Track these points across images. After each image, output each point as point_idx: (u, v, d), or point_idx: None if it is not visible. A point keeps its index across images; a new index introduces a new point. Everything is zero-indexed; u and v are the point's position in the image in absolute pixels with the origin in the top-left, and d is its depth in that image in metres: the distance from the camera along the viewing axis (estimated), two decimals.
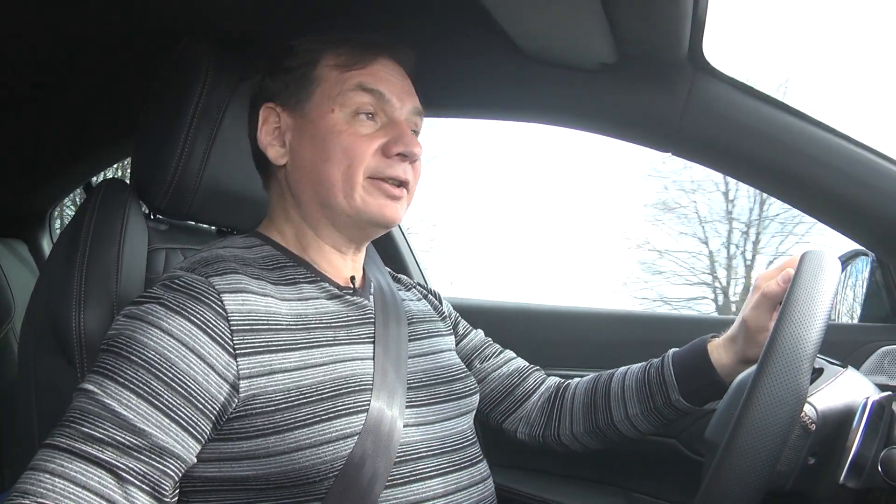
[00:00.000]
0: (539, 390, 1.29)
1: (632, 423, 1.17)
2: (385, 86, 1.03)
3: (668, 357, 1.16)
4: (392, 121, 1.04)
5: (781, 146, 1.20)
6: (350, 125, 1.01)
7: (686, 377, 1.12)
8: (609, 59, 1.22)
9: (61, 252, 1.14)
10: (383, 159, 1.01)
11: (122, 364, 0.83)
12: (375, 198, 1.01)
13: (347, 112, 1.02)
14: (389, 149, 1.01)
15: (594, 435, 1.21)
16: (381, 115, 1.03)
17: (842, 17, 4.29)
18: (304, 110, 1.04)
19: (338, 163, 1.00)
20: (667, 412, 1.14)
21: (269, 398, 0.88)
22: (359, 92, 1.02)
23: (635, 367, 1.20)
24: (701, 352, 1.12)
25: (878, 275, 1.38)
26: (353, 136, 1.01)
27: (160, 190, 1.17)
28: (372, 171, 1.01)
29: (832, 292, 0.81)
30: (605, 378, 1.23)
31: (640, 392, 1.16)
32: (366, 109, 1.02)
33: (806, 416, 0.80)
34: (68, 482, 0.76)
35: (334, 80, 1.03)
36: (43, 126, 1.77)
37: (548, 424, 1.25)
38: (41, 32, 1.38)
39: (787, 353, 0.75)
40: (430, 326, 1.19)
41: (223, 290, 0.91)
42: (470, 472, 1.04)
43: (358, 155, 1.00)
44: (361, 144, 1.00)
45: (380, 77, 1.04)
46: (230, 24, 1.34)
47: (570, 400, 1.24)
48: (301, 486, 0.89)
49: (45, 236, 2.20)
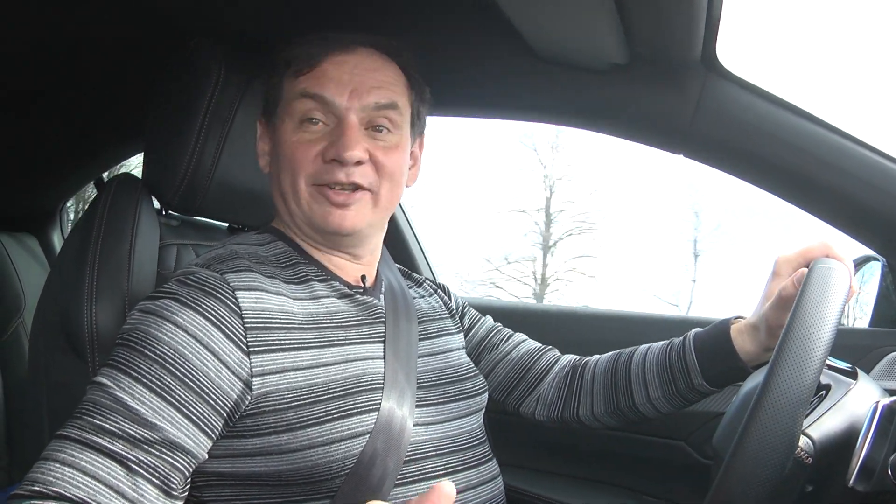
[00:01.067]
0: (554, 370, 1.27)
1: (654, 405, 1.15)
2: (331, 87, 1.00)
3: (689, 340, 1.13)
4: (337, 123, 1.00)
5: (793, 149, 1.19)
6: (295, 134, 1.00)
7: (709, 362, 1.09)
8: (621, 60, 1.22)
9: (73, 247, 1.15)
10: (322, 164, 0.99)
11: (136, 358, 0.83)
12: (320, 204, 1.00)
13: (295, 121, 1.01)
14: (327, 153, 0.98)
15: (615, 415, 1.19)
16: (330, 117, 1.00)
17: (856, 22, 4.27)
18: (274, 124, 1.05)
19: (286, 172, 1.00)
20: (689, 395, 1.13)
21: (282, 396, 0.88)
22: (302, 99, 1.00)
23: (655, 348, 1.17)
24: (724, 337, 1.08)
25: (889, 280, 1.38)
26: (295, 145, 1.00)
27: (172, 186, 1.17)
28: (314, 178, 0.99)
29: (835, 321, 0.79)
30: (624, 358, 1.20)
31: (662, 376, 1.13)
32: (310, 115, 1.00)
33: (801, 450, 0.79)
34: (78, 471, 0.76)
35: (287, 89, 1.03)
36: (53, 123, 1.78)
37: (566, 405, 1.23)
38: (52, 31, 1.39)
39: (782, 400, 0.73)
40: (439, 325, 1.19)
41: (238, 287, 0.91)
42: (479, 471, 1.04)
43: (297, 162, 0.99)
44: (301, 152, 0.99)
45: (328, 78, 1.00)
46: (239, 24, 1.34)
47: (590, 380, 1.21)
48: (312, 484, 0.89)
49: (55, 231, 2.20)
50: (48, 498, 0.74)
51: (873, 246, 1.28)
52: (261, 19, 1.35)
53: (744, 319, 1.09)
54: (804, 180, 1.20)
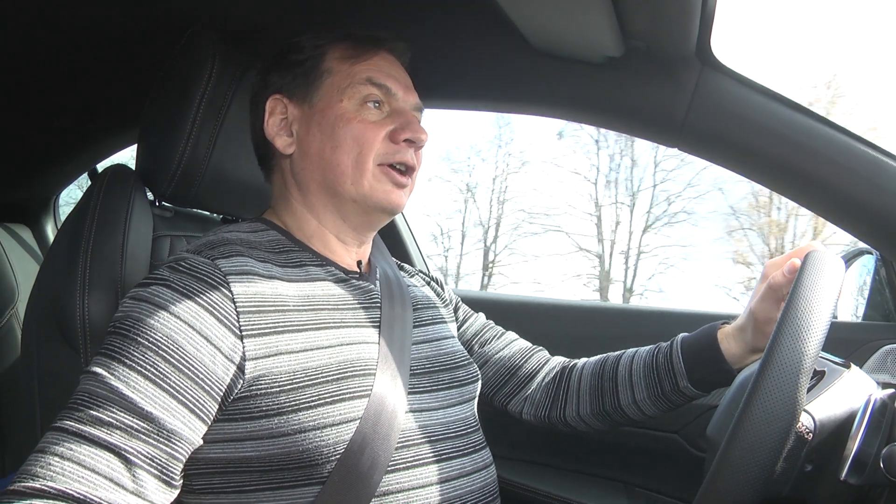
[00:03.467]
0: (543, 370, 1.28)
1: (639, 407, 1.16)
2: (391, 81, 1.06)
3: (676, 343, 1.15)
4: (397, 110, 1.07)
5: (788, 143, 1.19)
6: (358, 113, 1.04)
7: (695, 365, 1.11)
8: (616, 53, 1.22)
9: (66, 238, 1.14)
10: (391, 145, 1.04)
11: (130, 346, 0.83)
12: (383, 184, 1.04)
13: (356, 101, 1.04)
14: (398, 135, 1.04)
15: (600, 417, 1.21)
16: (387, 105, 1.06)
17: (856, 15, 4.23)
18: (312, 101, 1.06)
19: (348, 150, 1.03)
20: (675, 398, 1.14)
21: (275, 379, 0.89)
22: (368, 85, 1.05)
23: (643, 351, 1.19)
24: (710, 340, 1.10)
25: (882, 273, 1.38)
26: (362, 124, 1.03)
27: (166, 177, 1.17)
28: (381, 158, 1.04)
29: (833, 301, 0.80)
30: (612, 360, 1.22)
31: (648, 377, 1.15)
32: (374, 99, 1.05)
33: (803, 425, 0.80)
34: (77, 465, 0.76)
35: (344, 72, 1.05)
36: (48, 113, 1.77)
37: (553, 405, 1.24)
38: (46, 22, 1.38)
39: (784, 367, 0.73)
40: (434, 313, 1.19)
41: (229, 273, 0.91)
42: (473, 459, 1.04)
43: (368, 141, 1.03)
44: (371, 131, 1.03)
45: (385, 72, 1.07)
46: (236, 15, 1.34)
47: (577, 381, 1.23)
48: (303, 469, 0.89)
49: (49, 222, 2.20)
50: (50, 496, 0.74)
51: (867, 240, 1.28)
52: (257, 10, 1.35)
53: (731, 324, 1.11)
54: (799, 174, 1.20)
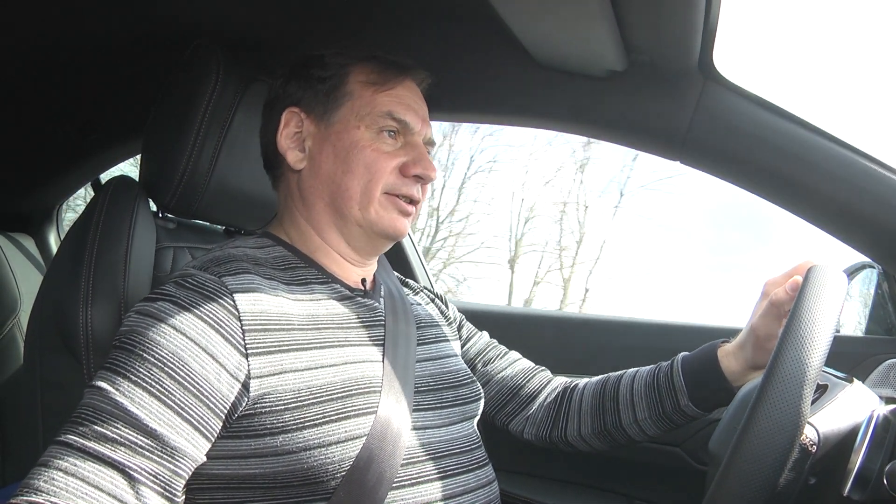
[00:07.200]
0: (545, 391, 1.29)
1: (640, 426, 1.17)
2: (410, 114, 1.08)
3: (677, 362, 1.15)
4: (411, 143, 1.08)
5: (790, 157, 1.19)
6: (374, 142, 1.05)
7: (695, 384, 1.11)
8: (619, 67, 1.22)
9: (69, 249, 1.14)
10: (401, 178, 1.06)
11: (135, 362, 0.83)
12: (389, 212, 1.05)
13: (373, 131, 1.05)
14: (408, 169, 1.06)
15: (602, 437, 1.21)
16: (402, 136, 1.08)
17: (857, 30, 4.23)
18: (329, 120, 1.06)
19: (359, 176, 1.04)
20: (675, 417, 1.14)
21: (280, 397, 0.88)
22: (387, 119, 1.06)
23: (644, 371, 1.20)
24: (711, 358, 1.11)
25: (885, 287, 1.38)
26: (376, 153, 1.04)
27: (169, 188, 1.17)
28: (389, 188, 1.05)
29: (836, 315, 0.80)
30: (613, 380, 1.22)
31: (649, 396, 1.15)
32: (390, 129, 1.06)
33: (807, 437, 0.79)
34: (80, 481, 0.75)
35: (366, 98, 1.06)
36: (52, 123, 1.78)
37: (555, 425, 1.24)
38: (51, 32, 1.39)
39: (788, 378, 0.73)
40: (437, 331, 1.19)
41: (235, 290, 0.91)
42: (476, 475, 1.04)
43: (379, 171, 1.04)
44: (383, 161, 1.04)
45: (406, 104, 1.08)
46: (240, 27, 1.35)
47: (578, 401, 1.23)
48: (308, 486, 0.89)
49: (52, 232, 2.20)
50: None
51: (869, 254, 1.28)
52: (261, 22, 1.36)
53: (730, 342, 1.12)
54: (801, 188, 1.20)
